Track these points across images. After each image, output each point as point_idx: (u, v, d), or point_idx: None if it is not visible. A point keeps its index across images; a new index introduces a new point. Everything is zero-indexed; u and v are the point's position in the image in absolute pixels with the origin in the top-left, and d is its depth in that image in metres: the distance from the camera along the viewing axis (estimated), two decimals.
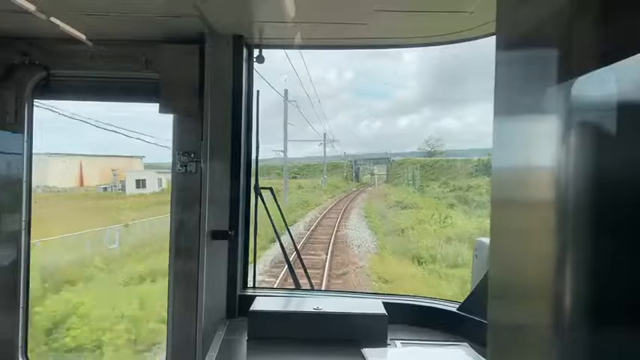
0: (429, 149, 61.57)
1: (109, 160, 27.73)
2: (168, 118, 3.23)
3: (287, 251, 3.49)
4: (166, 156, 3.41)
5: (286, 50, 3.52)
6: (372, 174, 68.41)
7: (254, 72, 3.36)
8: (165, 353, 3.27)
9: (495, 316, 1.17)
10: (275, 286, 12.16)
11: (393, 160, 59.86)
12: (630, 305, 0.75)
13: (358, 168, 67.15)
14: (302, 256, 3.66)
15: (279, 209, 3.47)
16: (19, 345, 3.28)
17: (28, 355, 3.35)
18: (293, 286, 3.49)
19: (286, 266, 3.54)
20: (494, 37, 1.22)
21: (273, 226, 3.37)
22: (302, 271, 3.50)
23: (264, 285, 12.86)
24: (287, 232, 3.60)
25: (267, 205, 3.34)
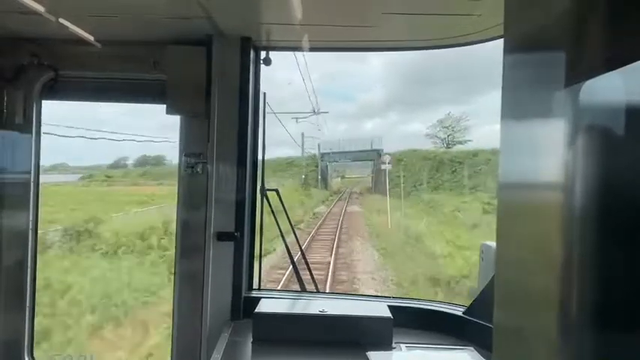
0: (446, 136, 38.99)
1: None
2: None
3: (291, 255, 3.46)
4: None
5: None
6: (344, 177, 47.61)
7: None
8: (169, 354, 3.27)
9: (501, 321, 1.16)
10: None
11: (386, 155, 35.22)
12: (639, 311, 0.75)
13: (326, 166, 42.76)
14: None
15: (285, 211, 3.47)
16: (26, 345, 3.30)
17: (34, 354, 3.36)
18: (298, 288, 3.49)
19: (290, 267, 3.54)
20: (501, 40, 1.21)
21: (279, 228, 3.37)
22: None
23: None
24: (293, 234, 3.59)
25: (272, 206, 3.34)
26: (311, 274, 3.50)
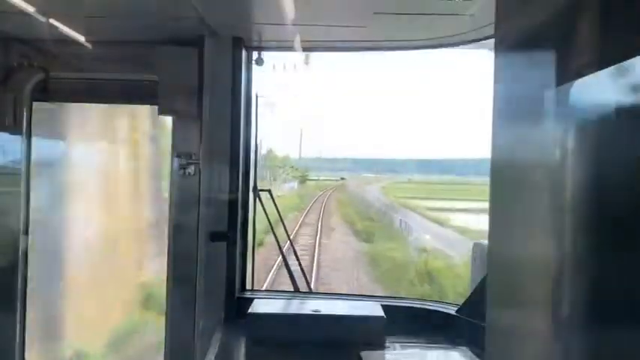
0: None
1: None
2: None
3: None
4: None
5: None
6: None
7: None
8: (163, 355, 3.25)
9: (494, 320, 1.17)
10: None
11: None
12: (631, 308, 0.75)
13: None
14: None
15: (278, 211, 3.46)
16: (17, 347, 3.27)
17: (26, 357, 3.33)
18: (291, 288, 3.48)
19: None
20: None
21: (272, 228, 3.36)
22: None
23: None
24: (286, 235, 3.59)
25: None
26: (304, 274, 3.49)
